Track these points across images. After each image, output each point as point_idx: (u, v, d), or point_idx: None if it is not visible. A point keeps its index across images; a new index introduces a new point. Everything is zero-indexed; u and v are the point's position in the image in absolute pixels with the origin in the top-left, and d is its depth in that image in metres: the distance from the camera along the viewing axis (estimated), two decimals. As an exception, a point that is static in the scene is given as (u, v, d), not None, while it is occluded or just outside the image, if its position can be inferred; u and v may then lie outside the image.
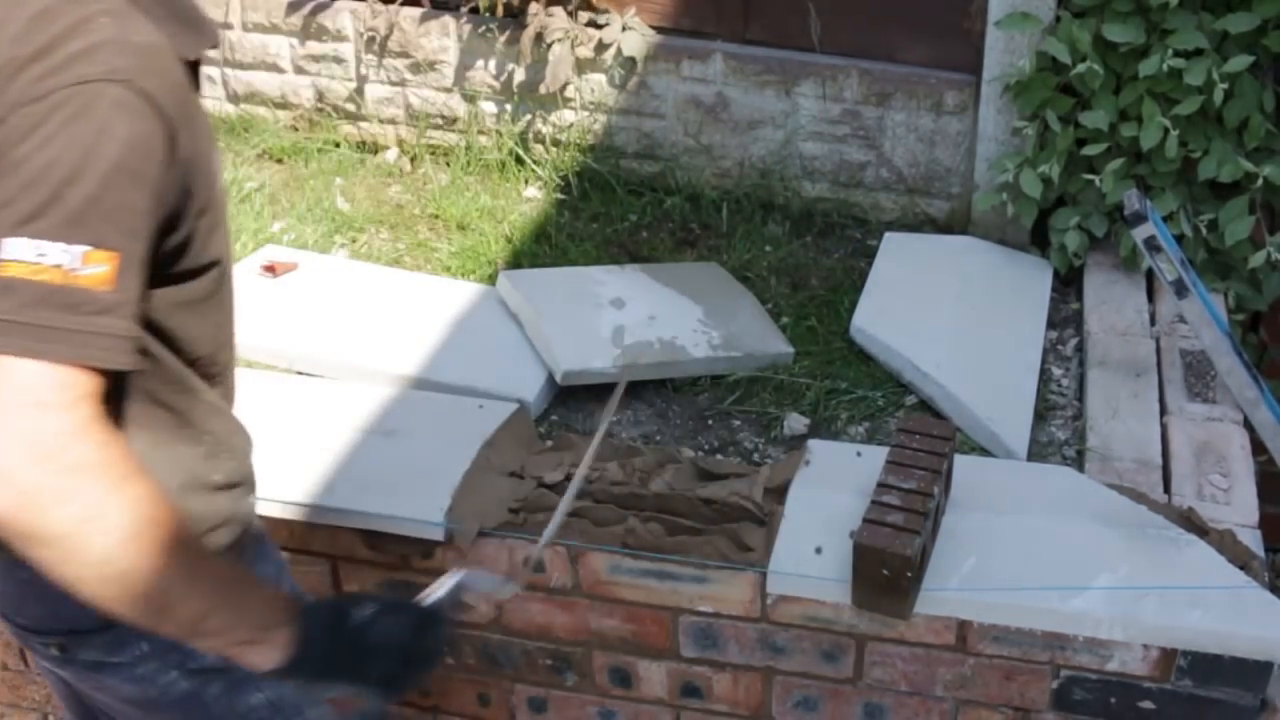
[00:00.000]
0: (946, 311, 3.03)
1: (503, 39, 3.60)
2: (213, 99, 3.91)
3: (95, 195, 1.23)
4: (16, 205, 1.21)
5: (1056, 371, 2.91)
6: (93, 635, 1.52)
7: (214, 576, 1.36)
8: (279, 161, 3.80)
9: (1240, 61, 2.82)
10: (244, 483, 1.63)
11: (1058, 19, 3.05)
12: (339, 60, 3.79)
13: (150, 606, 1.28)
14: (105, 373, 1.25)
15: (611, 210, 3.53)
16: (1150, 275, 3.06)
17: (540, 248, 3.36)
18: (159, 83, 1.29)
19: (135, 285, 1.27)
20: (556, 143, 3.66)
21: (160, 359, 1.45)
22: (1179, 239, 2.92)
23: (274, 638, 1.40)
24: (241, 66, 3.87)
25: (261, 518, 2.12)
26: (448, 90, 3.73)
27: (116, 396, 1.38)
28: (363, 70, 3.78)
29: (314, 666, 1.43)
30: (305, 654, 1.42)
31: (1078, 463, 2.55)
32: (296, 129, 3.89)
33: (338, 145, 3.84)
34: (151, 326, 1.41)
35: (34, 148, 1.23)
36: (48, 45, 1.27)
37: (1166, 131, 2.90)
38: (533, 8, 3.53)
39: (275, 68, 3.84)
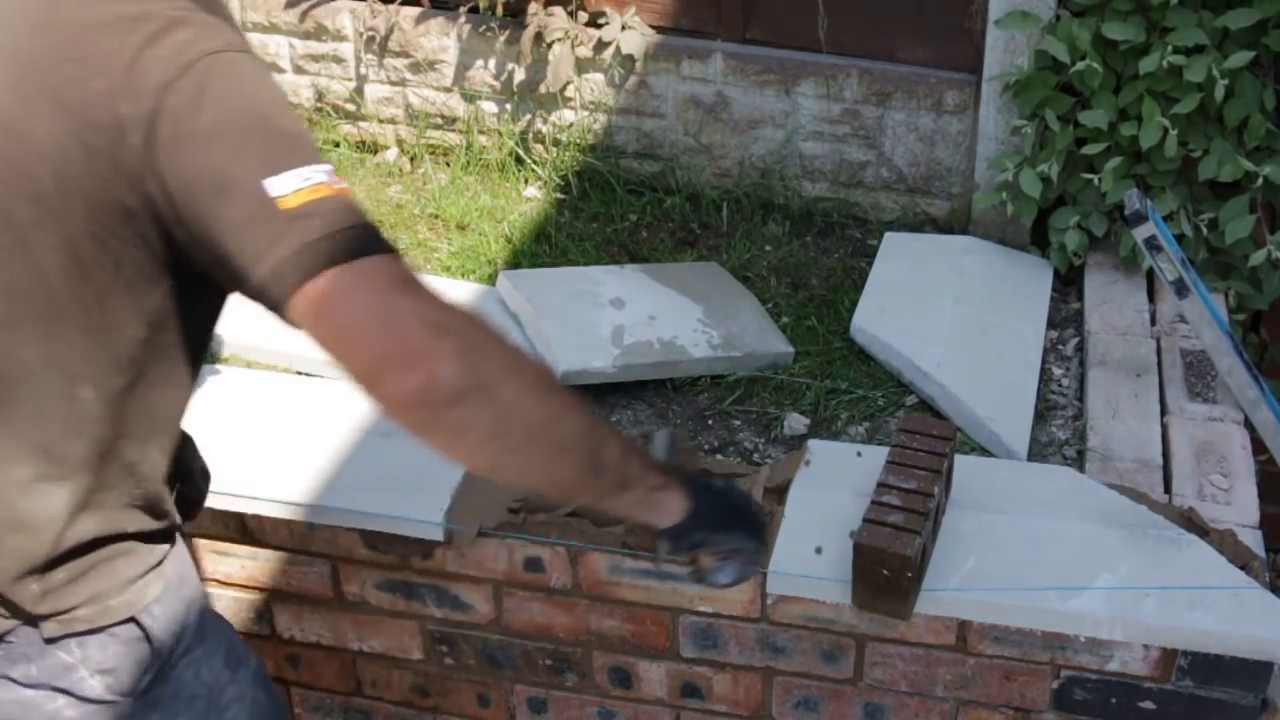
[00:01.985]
0: (947, 311, 3.02)
1: (502, 38, 3.60)
2: (212, 99, 3.91)
3: (296, 128, 1.30)
4: (242, 157, 1.24)
5: (1057, 371, 2.91)
6: None
7: (607, 424, 1.41)
8: (279, 161, 3.80)
9: (1240, 58, 2.81)
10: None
11: (1057, 18, 3.05)
12: (338, 60, 3.78)
13: (581, 453, 1.32)
14: None
15: (611, 210, 3.52)
16: (1150, 275, 3.06)
17: (540, 248, 3.36)
18: None
19: None
20: (556, 142, 3.66)
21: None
22: (1179, 238, 2.91)
23: (677, 485, 1.47)
24: (241, 66, 3.87)
25: (256, 517, 2.12)
26: (447, 90, 3.73)
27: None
28: (362, 70, 3.78)
29: (713, 516, 1.51)
30: (702, 504, 1.50)
31: (1078, 463, 2.55)
32: (296, 129, 3.89)
33: (337, 145, 3.83)
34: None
35: (216, 109, 1.25)
36: (156, 33, 1.28)
37: (1166, 130, 2.89)
38: (532, 7, 3.53)
39: (275, 67, 3.84)
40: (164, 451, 1.53)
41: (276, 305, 1.25)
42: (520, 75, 3.61)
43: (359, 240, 1.24)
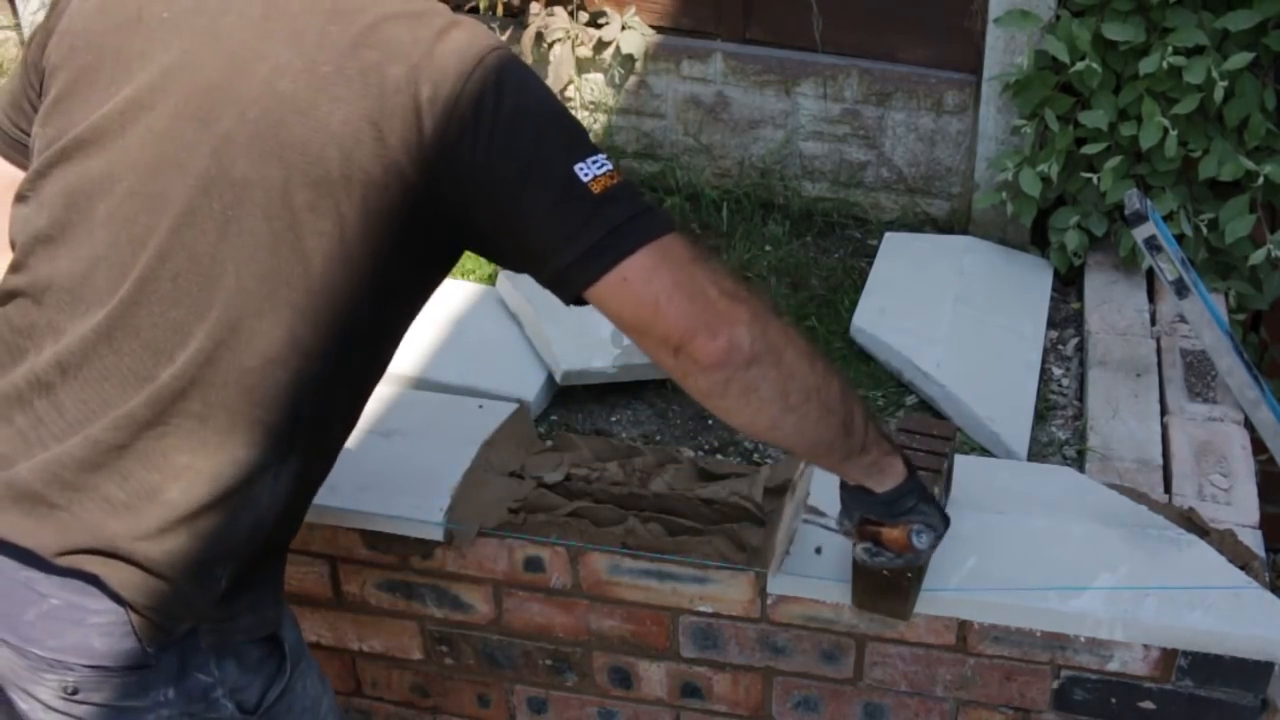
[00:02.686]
0: (946, 311, 3.02)
1: (503, 39, 3.60)
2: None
3: (572, 116, 1.37)
4: (549, 144, 1.32)
5: (1057, 371, 2.91)
6: (116, 675, 1.44)
7: (854, 389, 1.47)
8: (279, 161, 3.80)
9: (1240, 59, 2.81)
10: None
11: (1057, 17, 3.05)
12: (338, 60, 3.78)
13: (840, 415, 1.42)
14: None
15: (611, 210, 3.52)
16: (1150, 275, 3.06)
17: (540, 247, 3.36)
18: None
19: None
20: (556, 142, 3.66)
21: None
22: (1179, 238, 2.91)
23: (900, 455, 1.56)
24: (241, 66, 3.86)
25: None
26: (447, 90, 3.72)
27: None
28: (362, 70, 3.77)
29: (921, 489, 1.59)
30: (917, 475, 1.58)
31: (1078, 463, 2.55)
32: (296, 129, 3.89)
33: (337, 145, 3.83)
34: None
35: (516, 97, 1.32)
36: (444, 28, 1.35)
37: (1166, 130, 2.89)
38: (533, 7, 3.53)
39: (275, 67, 3.83)
40: (348, 433, 1.55)
41: (579, 284, 1.33)
42: (520, 75, 3.62)
43: (657, 221, 1.33)
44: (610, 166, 1.33)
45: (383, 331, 1.47)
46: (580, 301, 1.37)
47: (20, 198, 1.44)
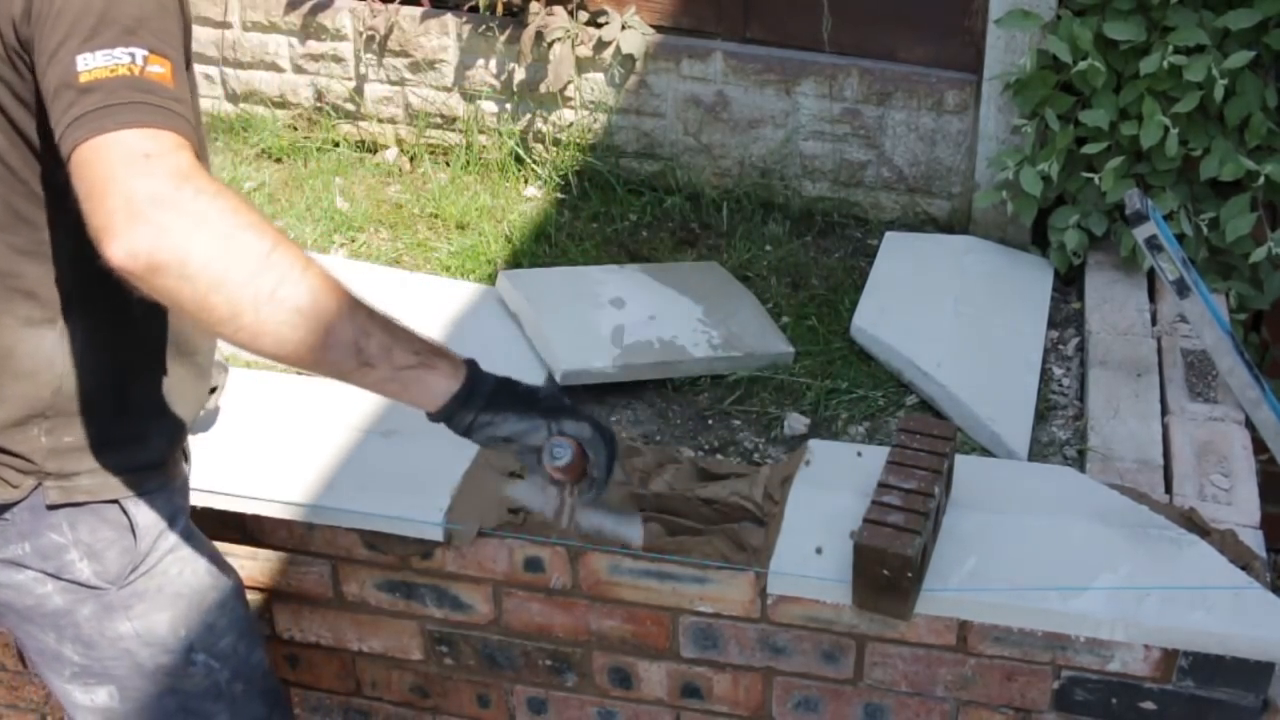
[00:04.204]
0: (947, 311, 3.02)
1: (503, 38, 3.60)
2: (211, 98, 3.91)
3: (140, 15, 1.39)
4: (75, 32, 1.37)
5: (1057, 371, 2.91)
6: None
7: (354, 300, 1.43)
8: (278, 161, 3.80)
9: (1241, 58, 2.81)
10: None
11: (1058, 17, 3.05)
12: (338, 59, 3.78)
13: (311, 325, 1.38)
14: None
15: (611, 210, 3.52)
16: (1151, 274, 3.06)
17: (540, 247, 3.36)
18: None
19: (186, 92, 1.43)
20: (556, 142, 3.66)
21: None
22: (1180, 238, 2.91)
23: (446, 366, 1.50)
24: (240, 66, 3.86)
25: (255, 517, 2.13)
26: (447, 90, 3.72)
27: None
28: (362, 69, 3.77)
29: (487, 398, 1.52)
30: (478, 386, 1.52)
31: (1079, 463, 2.55)
32: (295, 128, 3.89)
33: (337, 145, 3.83)
34: None
35: None
36: None
37: (1167, 130, 2.89)
38: (533, 6, 3.53)
39: (274, 67, 3.83)
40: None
41: (62, 152, 1.37)
42: (520, 75, 3.61)
43: (129, 114, 1.34)
44: (124, 61, 1.36)
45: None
46: None
47: None
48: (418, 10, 3.66)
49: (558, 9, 3.53)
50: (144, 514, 1.69)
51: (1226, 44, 2.90)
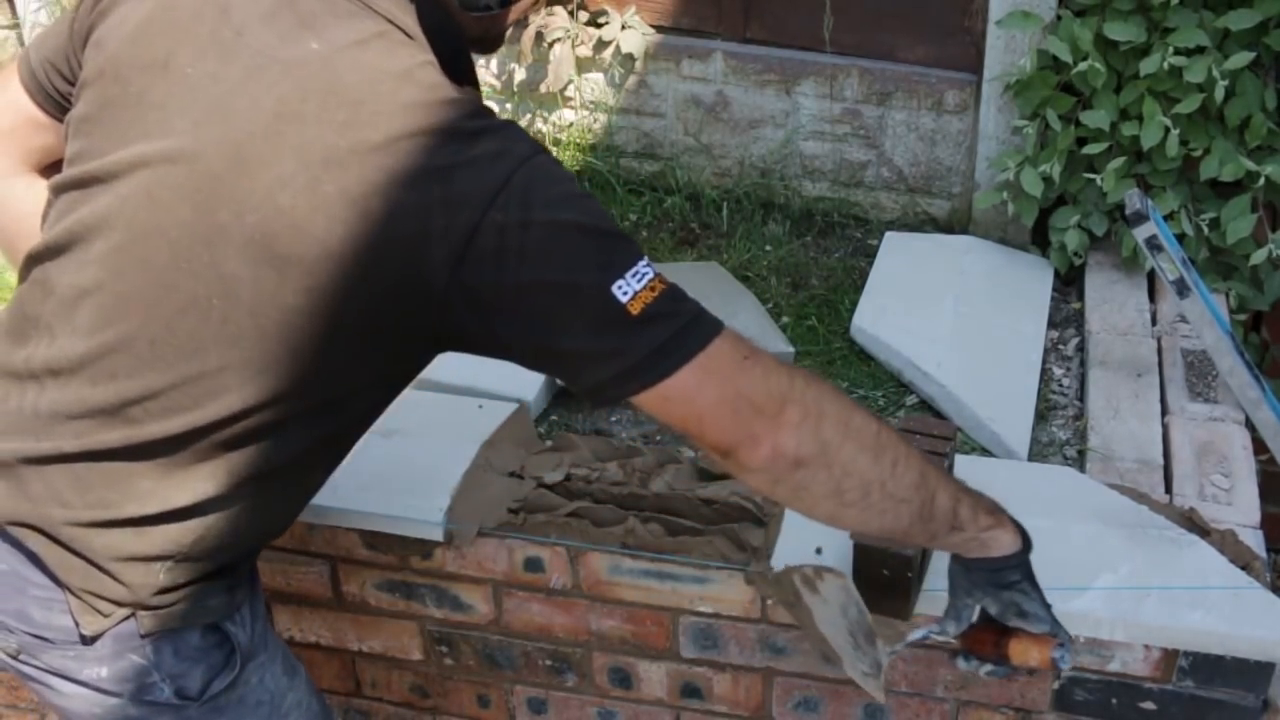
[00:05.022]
0: (947, 311, 3.02)
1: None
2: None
3: (614, 225, 1.33)
4: (585, 263, 1.28)
5: (1057, 371, 2.91)
6: (55, 646, 1.51)
7: (937, 470, 1.45)
8: (278, 161, 3.79)
9: (1241, 59, 2.81)
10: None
11: (1058, 18, 3.05)
12: (339, 59, 3.78)
13: (923, 497, 1.40)
14: None
15: (611, 210, 3.52)
16: (1151, 275, 3.06)
17: (540, 247, 3.36)
18: None
19: None
20: (556, 142, 3.66)
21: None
22: (1180, 238, 2.91)
23: (1005, 521, 1.53)
24: (241, 66, 3.86)
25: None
26: (447, 89, 3.72)
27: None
28: (362, 69, 3.77)
29: (1028, 566, 1.55)
30: (1029, 548, 1.54)
31: (1079, 463, 2.55)
32: (296, 128, 3.88)
33: (337, 144, 3.83)
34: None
35: (543, 216, 1.28)
36: (469, 138, 1.31)
37: (1167, 130, 2.89)
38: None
39: (275, 67, 3.83)
40: (320, 480, 1.61)
41: (615, 399, 1.32)
42: (520, 75, 3.61)
43: (699, 332, 1.30)
44: (651, 275, 1.29)
45: (349, 413, 1.49)
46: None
47: (55, 187, 1.49)
48: (418, 10, 3.66)
49: (558, 9, 3.53)
50: (243, 631, 1.60)
51: (1226, 45, 2.90)
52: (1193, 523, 2.03)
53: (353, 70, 1.32)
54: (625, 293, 1.27)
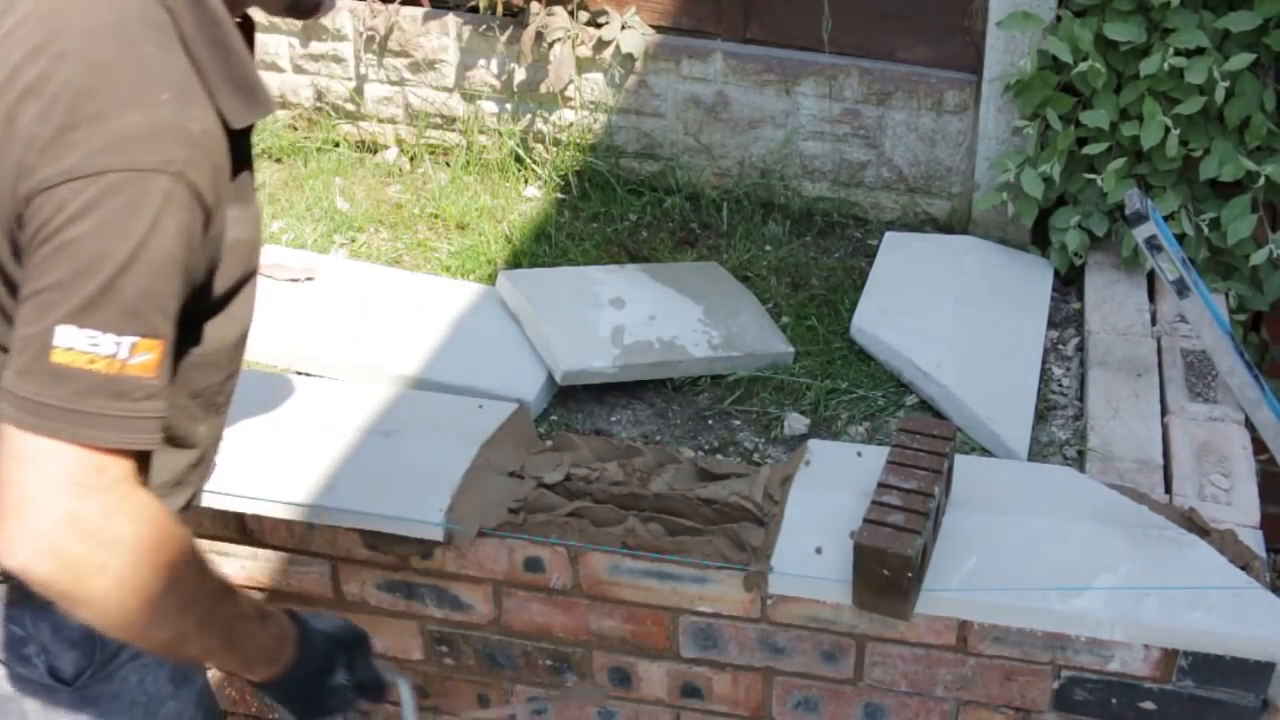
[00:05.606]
0: (947, 311, 3.02)
1: (503, 38, 3.60)
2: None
3: (147, 289, 1.27)
4: (70, 293, 1.25)
5: (1057, 371, 2.91)
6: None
7: (226, 623, 1.48)
8: (278, 161, 3.80)
9: (1241, 60, 2.82)
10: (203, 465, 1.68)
11: (1059, 18, 3.05)
12: (338, 60, 3.78)
13: (168, 649, 1.43)
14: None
15: (611, 210, 3.52)
16: (1151, 275, 3.06)
17: (540, 247, 3.36)
18: (206, 173, 1.32)
19: (170, 366, 1.34)
20: (556, 142, 3.66)
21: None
22: (1180, 238, 2.91)
23: (267, 669, 1.58)
24: (241, 66, 3.86)
25: (255, 517, 2.12)
26: (447, 90, 3.72)
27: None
28: (362, 70, 3.78)
29: (286, 692, 1.62)
30: (286, 682, 1.61)
31: (1078, 463, 2.55)
32: (295, 128, 3.89)
33: (337, 145, 3.83)
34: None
35: (87, 232, 1.25)
36: (104, 110, 1.27)
37: (1167, 130, 2.89)
38: (534, 6, 3.53)
39: (274, 67, 3.83)
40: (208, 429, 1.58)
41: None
42: (520, 75, 3.61)
43: (84, 427, 1.25)
44: (109, 354, 1.25)
45: None
46: None
47: None
48: (418, 10, 3.66)
49: (558, 9, 3.53)
50: None
51: (1226, 45, 2.90)
52: (1192, 523, 2.03)
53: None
54: (64, 341, 1.24)
